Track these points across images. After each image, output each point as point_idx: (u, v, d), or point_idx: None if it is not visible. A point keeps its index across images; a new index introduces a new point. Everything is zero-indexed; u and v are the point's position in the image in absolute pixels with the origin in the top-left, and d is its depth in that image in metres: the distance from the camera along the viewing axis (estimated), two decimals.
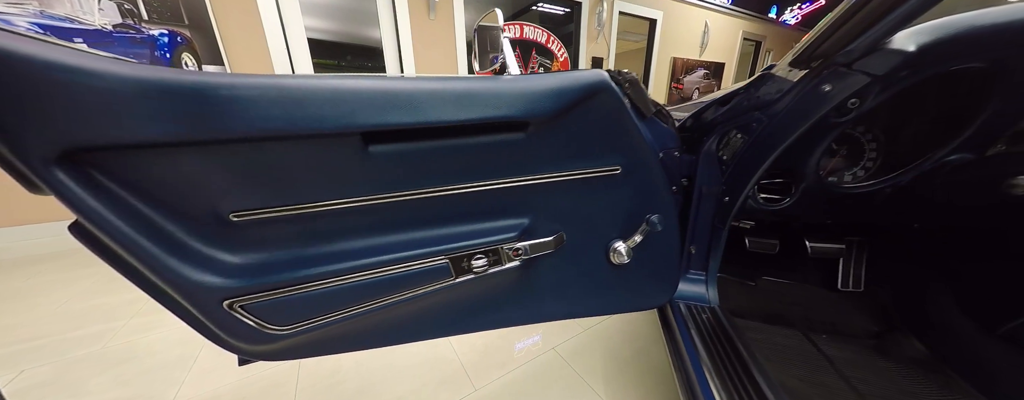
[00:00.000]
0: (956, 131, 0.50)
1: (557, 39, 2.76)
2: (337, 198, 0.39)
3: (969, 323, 0.58)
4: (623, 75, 0.46)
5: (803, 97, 0.46)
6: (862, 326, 0.71)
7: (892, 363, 0.62)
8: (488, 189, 0.44)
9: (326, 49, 2.01)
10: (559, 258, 0.51)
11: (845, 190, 0.58)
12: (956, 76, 0.45)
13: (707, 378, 0.47)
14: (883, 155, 0.58)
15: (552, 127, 0.43)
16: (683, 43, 3.81)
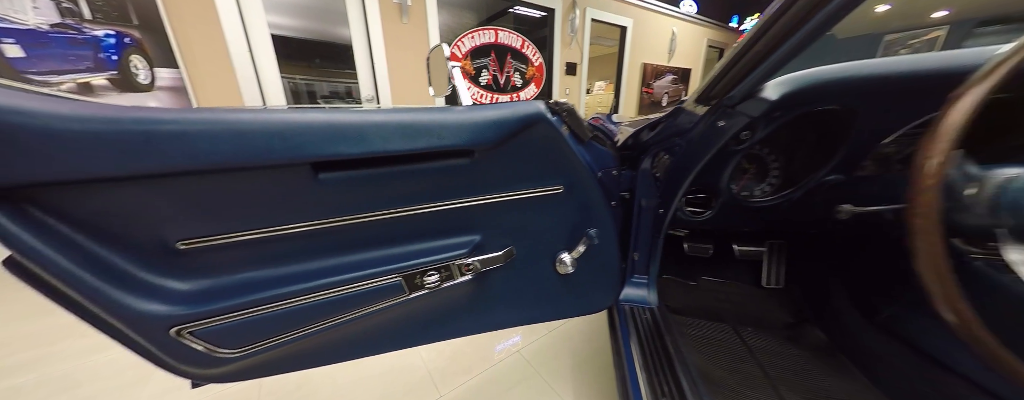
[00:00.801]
0: (829, 157, 0.59)
1: (532, 44, 2.81)
2: (288, 223, 0.40)
3: (856, 314, 0.68)
4: (560, 105, 0.51)
5: (706, 130, 0.54)
6: (780, 319, 0.81)
7: (800, 350, 0.71)
8: (439, 210, 0.47)
9: (293, 47, 1.94)
10: (509, 270, 0.55)
11: (754, 203, 0.66)
12: (824, 113, 0.54)
13: (637, 374, 0.52)
14: (783, 174, 0.66)
15: (497, 153, 0.46)
16: (653, 49, 3.97)
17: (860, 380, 0.63)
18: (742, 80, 0.46)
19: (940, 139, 0.29)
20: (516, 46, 2.73)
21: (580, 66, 3.26)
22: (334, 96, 2.18)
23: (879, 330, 0.63)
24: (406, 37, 2.16)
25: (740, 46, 0.45)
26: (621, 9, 3.41)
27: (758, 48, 0.42)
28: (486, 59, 2.62)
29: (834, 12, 0.34)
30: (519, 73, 2.83)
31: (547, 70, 3.03)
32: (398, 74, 2.16)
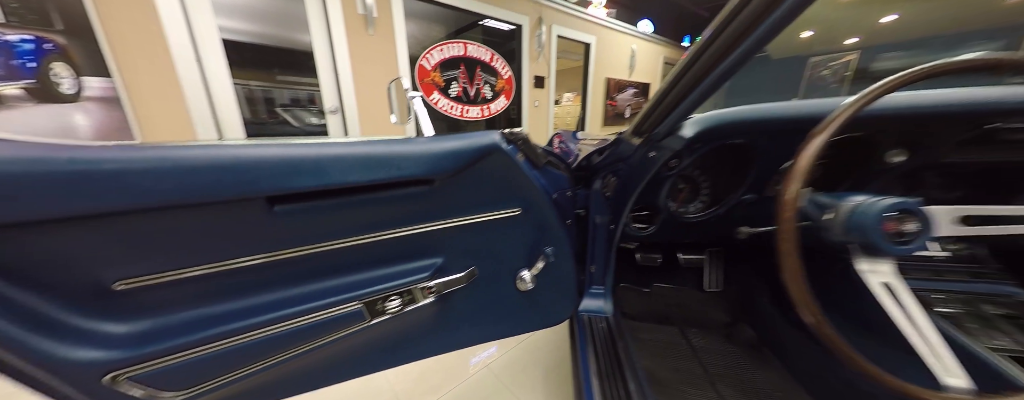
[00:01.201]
0: (742, 181, 0.70)
1: (501, 57, 2.88)
2: (240, 257, 0.39)
3: (776, 312, 0.80)
4: (515, 134, 0.54)
5: (641, 159, 0.61)
6: (720, 319, 0.92)
7: (735, 347, 0.81)
8: (400, 236, 0.48)
9: (249, 53, 1.84)
10: (472, 290, 0.57)
11: (689, 219, 0.75)
12: (734, 145, 0.64)
13: (592, 381, 0.57)
14: (711, 193, 0.76)
15: (456, 180, 0.48)
16: (615, 65, 4.23)
17: (780, 370, 0.74)
18: (664, 119, 0.53)
19: (794, 179, 0.38)
20: (485, 59, 2.78)
21: (548, 79, 3.39)
22: (295, 104, 2.08)
23: (793, 326, 0.75)
24: (373, 49, 2.13)
25: (661, 90, 0.52)
26: (585, 27, 3.60)
27: (675, 92, 0.49)
28: (456, 71, 2.64)
29: (734, 65, 0.41)
30: (489, 85, 2.89)
31: (516, 83, 3.11)
32: (365, 86, 2.12)
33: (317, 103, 2.07)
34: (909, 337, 0.36)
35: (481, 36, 2.89)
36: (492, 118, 3.02)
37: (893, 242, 0.39)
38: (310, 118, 2.11)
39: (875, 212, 0.39)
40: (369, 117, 2.17)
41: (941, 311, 0.50)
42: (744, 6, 0.35)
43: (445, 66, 2.56)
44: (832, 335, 0.35)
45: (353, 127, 2.13)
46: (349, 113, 2.10)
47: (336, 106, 2.08)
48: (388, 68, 2.23)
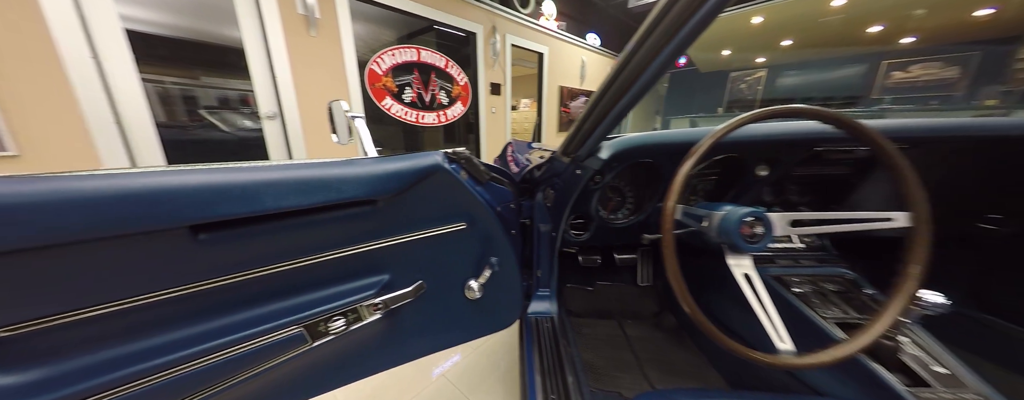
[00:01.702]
0: (656, 191, 0.82)
1: (456, 64, 2.89)
2: (158, 290, 0.36)
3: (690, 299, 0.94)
4: (458, 154, 0.57)
5: (570, 175, 0.69)
6: (650, 309, 1.05)
7: (662, 334, 0.94)
8: (343, 256, 0.48)
9: (163, 48, 1.61)
10: (421, 303, 0.58)
11: (617, 224, 0.86)
12: (645, 162, 0.75)
13: (535, 377, 0.61)
14: (635, 202, 0.88)
15: (400, 199, 0.49)
16: (567, 74, 4.46)
17: (694, 350, 0.87)
18: (585, 142, 0.61)
19: (670, 196, 0.48)
20: (440, 65, 2.77)
21: (504, 87, 3.47)
22: (224, 107, 1.87)
23: (704, 312, 0.89)
24: (316, 52, 2.00)
25: (581, 116, 0.60)
26: (537, 38, 3.76)
27: (592, 118, 0.57)
28: (409, 77, 2.59)
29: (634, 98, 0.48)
30: (445, 91, 2.87)
31: (473, 89, 3.14)
32: (309, 91, 1.98)
33: (252, 104, 1.88)
34: (759, 315, 0.47)
35: (435, 41, 2.87)
36: (449, 124, 3.01)
37: (748, 242, 0.50)
38: (242, 121, 1.91)
39: (735, 219, 0.51)
40: (314, 125, 2.03)
41: (796, 291, 0.65)
42: (640, 47, 0.42)
43: (398, 71, 2.49)
44: (702, 319, 0.45)
45: (295, 135, 1.97)
46: (290, 119, 1.94)
47: (274, 111, 1.91)
48: (334, 72, 2.11)
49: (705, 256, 0.57)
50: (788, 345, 0.44)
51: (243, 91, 1.86)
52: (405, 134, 2.91)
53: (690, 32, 0.37)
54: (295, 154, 1.99)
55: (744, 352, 0.43)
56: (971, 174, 0.71)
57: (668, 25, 0.38)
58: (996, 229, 0.78)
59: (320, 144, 2.04)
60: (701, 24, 0.36)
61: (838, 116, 0.48)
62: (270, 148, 1.95)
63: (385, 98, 2.45)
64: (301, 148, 2.00)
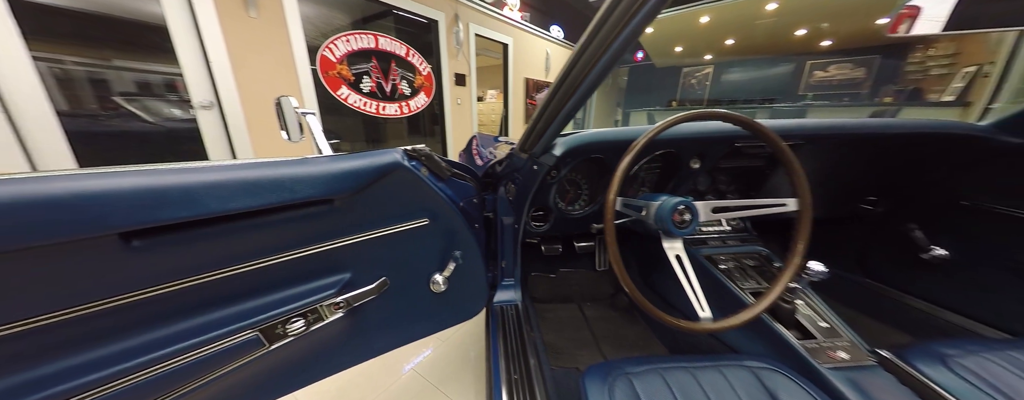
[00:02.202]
0: (607, 182, 0.89)
1: (417, 53, 2.78)
2: (88, 302, 0.33)
3: (640, 279, 1.05)
4: (418, 151, 0.57)
5: (527, 171, 0.72)
6: (606, 291, 1.14)
7: (616, 313, 1.04)
8: (300, 256, 0.47)
9: (61, 21, 1.37)
10: (385, 299, 0.58)
11: (575, 215, 0.92)
12: (597, 158, 0.80)
13: (499, 361, 0.65)
14: (590, 194, 0.95)
15: (360, 197, 0.48)
16: (532, 66, 4.49)
17: (643, 325, 0.98)
18: (540, 139, 0.64)
19: (611, 190, 0.54)
20: (400, 53, 2.65)
21: (469, 77, 3.41)
22: (146, 93, 1.64)
23: (650, 289, 0.99)
24: (258, 34, 1.81)
25: (535, 116, 0.63)
26: (502, 28, 3.72)
27: (545, 117, 0.60)
28: (367, 65, 2.45)
29: (582, 97, 0.50)
30: (407, 81, 2.76)
31: (437, 80, 3.05)
32: (252, 78, 1.80)
33: (181, 90, 1.67)
34: (686, 290, 0.55)
35: (394, 26, 2.73)
36: (413, 116, 2.91)
37: (679, 227, 0.58)
38: (170, 110, 1.69)
39: (668, 208, 0.59)
40: (260, 117, 1.85)
41: (722, 267, 0.76)
42: (585, 50, 0.45)
43: (354, 59, 2.35)
44: (638, 296, 0.52)
45: (237, 128, 1.79)
46: (231, 110, 1.76)
47: (210, 100, 1.72)
48: (281, 58, 1.93)
49: (651, 240, 0.64)
50: (707, 313, 0.53)
51: (169, 75, 1.64)
52: (366, 126, 2.76)
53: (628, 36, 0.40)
54: (239, 149, 1.82)
55: (670, 321, 0.51)
56: (855, 164, 0.87)
57: (609, 29, 0.41)
58: (873, 209, 0.96)
59: (268, 138, 1.88)
60: (640, 26, 0.38)
61: (742, 118, 0.57)
62: (208, 142, 1.75)
63: (341, 87, 2.31)
64: (245, 142, 1.82)
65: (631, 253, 1.10)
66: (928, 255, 0.85)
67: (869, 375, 0.53)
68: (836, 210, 0.97)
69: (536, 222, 0.91)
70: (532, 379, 0.60)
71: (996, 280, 0.76)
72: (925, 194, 0.86)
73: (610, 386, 0.48)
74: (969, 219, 0.81)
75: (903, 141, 0.78)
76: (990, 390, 0.46)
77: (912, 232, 0.88)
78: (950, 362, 0.50)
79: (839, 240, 1.05)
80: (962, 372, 0.49)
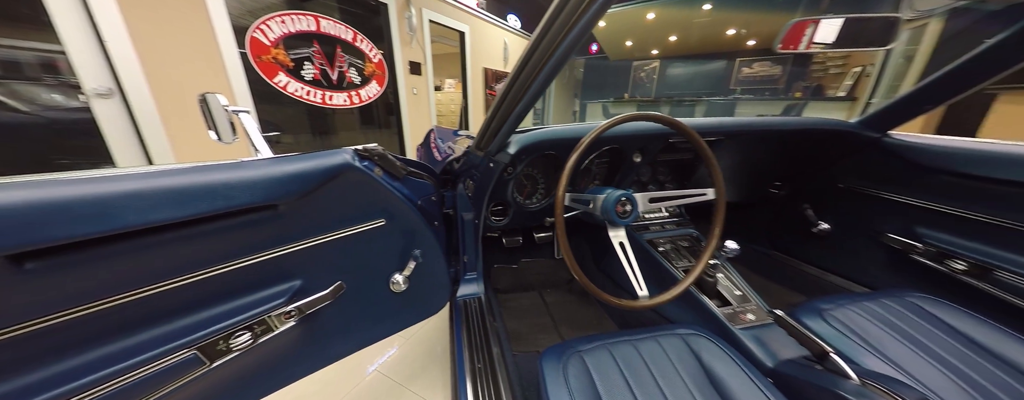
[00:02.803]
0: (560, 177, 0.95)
1: (366, 38, 2.58)
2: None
3: (593, 265, 1.14)
4: (370, 150, 0.55)
5: (484, 167, 0.74)
6: (564, 277, 1.23)
7: (573, 297, 1.12)
8: (242, 266, 0.44)
9: None
10: (342, 304, 0.57)
11: (531, 208, 0.97)
12: (550, 154, 0.85)
13: (463, 352, 0.68)
14: (545, 188, 1.00)
15: (308, 200, 0.46)
16: (490, 56, 4.42)
17: (596, 306, 1.07)
18: (495, 137, 0.66)
19: (561, 186, 0.58)
20: (346, 38, 2.44)
21: (424, 66, 3.27)
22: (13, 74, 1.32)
23: (602, 273, 1.09)
24: (167, 10, 1.54)
25: (488, 116, 0.65)
26: (457, 15, 3.59)
27: (498, 117, 0.62)
28: (309, 49, 2.22)
29: (533, 97, 0.52)
30: (355, 69, 2.56)
31: (389, 68, 2.88)
32: (162, 60, 1.53)
33: (67, 73, 1.38)
34: (628, 274, 0.62)
35: (337, 6, 2.50)
36: (365, 106, 2.73)
37: (621, 217, 0.65)
38: (51, 97, 1.39)
39: (612, 200, 0.66)
40: (179, 109, 1.60)
41: (661, 250, 0.86)
42: (533, 52, 0.46)
43: (292, 43, 2.12)
44: (585, 281, 0.58)
45: (149, 121, 1.54)
46: (138, 99, 1.49)
47: (109, 87, 1.44)
48: (200, 37, 1.68)
49: (600, 229, 0.70)
50: (645, 292, 0.61)
51: (46, 53, 1.34)
52: (311, 117, 2.53)
53: (575, 38, 0.41)
54: (154, 147, 1.56)
55: (613, 301, 0.58)
56: (764, 156, 1.02)
57: (557, 30, 0.42)
58: (778, 193, 1.15)
59: (193, 134, 1.64)
60: (586, 28, 0.40)
61: (670, 119, 0.65)
62: (110, 137, 1.48)
63: (278, 74, 2.08)
64: (160, 139, 1.57)
65: (585, 241, 1.18)
66: (817, 229, 1.04)
67: (767, 331, 0.65)
68: (751, 195, 1.14)
69: (496, 217, 0.94)
70: (495, 366, 0.64)
71: (860, 247, 0.96)
72: (815, 179, 1.05)
73: (564, 364, 0.53)
74: (844, 199, 1.00)
75: (798, 136, 0.93)
76: (849, 334, 0.59)
77: (805, 211, 1.07)
78: (825, 315, 0.63)
79: (753, 219, 1.24)
80: (833, 322, 0.62)
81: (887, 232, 0.89)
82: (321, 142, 2.65)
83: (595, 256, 1.14)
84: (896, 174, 0.87)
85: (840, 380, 0.47)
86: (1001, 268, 0.69)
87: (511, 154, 0.70)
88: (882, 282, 0.92)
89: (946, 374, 0.52)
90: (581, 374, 0.52)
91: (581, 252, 1.21)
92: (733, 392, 0.49)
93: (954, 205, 0.77)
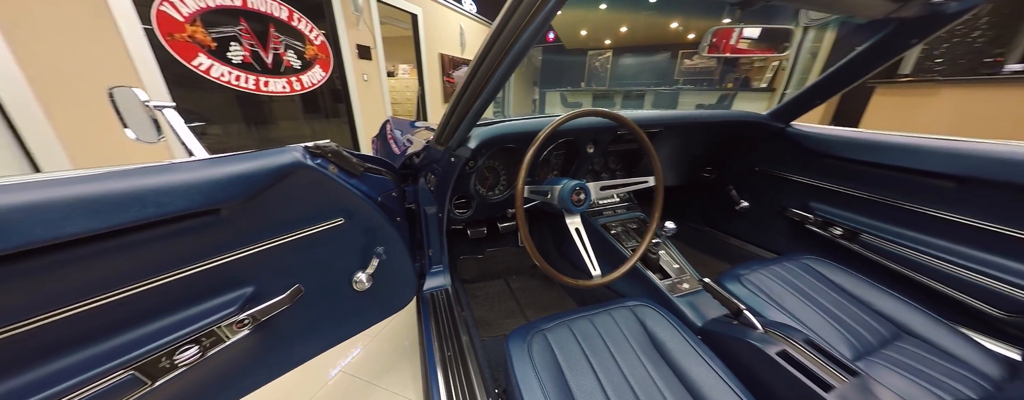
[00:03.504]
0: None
1: (305, 17, 2.33)
2: None
3: (555, 251, 1.23)
4: (323, 147, 0.52)
5: (446, 162, 0.75)
6: (528, 263, 1.30)
7: (536, 281, 1.20)
8: (184, 276, 0.41)
9: None
10: (302, 307, 0.55)
11: (495, 200, 1.00)
12: (511, 147, 0.88)
13: (433, 342, 0.70)
14: (507, 179, 1.03)
15: (256, 203, 0.43)
16: (446, 41, 4.24)
17: (558, 288, 1.16)
18: (455, 132, 0.67)
19: (520, 178, 0.63)
20: (280, 17, 2.18)
21: (374, 50, 3.05)
22: None
23: (563, 257, 1.18)
24: None
25: (447, 112, 0.66)
26: None
27: (457, 112, 0.63)
28: (234, 28, 1.95)
29: (492, 92, 0.53)
30: (294, 52, 2.31)
31: (335, 52, 2.64)
32: (37, 36, 1.24)
33: None
34: (583, 256, 0.69)
35: None
36: (309, 93, 2.49)
37: (576, 205, 0.72)
38: None
39: (567, 190, 0.72)
40: (76, 102, 1.32)
41: (613, 232, 0.96)
42: (489, 50, 0.47)
43: (213, 19, 1.84)
44: (544, 265, 0.64)
45: (28, 115, 1.25)
46: (4, 87, 1.20)
47: None
48: (89, 9, 1.38)
49: (559, 217, 0.76)
50: (598, 272, 0.68)
51: None
52: (243, 105, 2.24)
53: (536, 29, 0.42)
54: (38, 147, 1.28)
55: (569, 282, 0.65)
56: (698, 144, 1.16)
57: (516, 22, 0.42)
58: (709, 176, 1.32)
59: (100, 134, 1.37)
60: (546, 18, 0.40)
61: (615, 115, 0.72)
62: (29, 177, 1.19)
63: (197, 55, 1.80)
64: (47, 137, 1.29)
65: (548, 228, 1.26)
66: (739, 207, 1.22)
67: (698, 297, 0.77)
68: (688, 178, 1.30)
69: (459, 209, 0.95)
70: (465, 353, 0.67)
71: (771, 220, 1.15)
72: (737, 164, 1.22)
73: (528, 343, 0.57)
74: (758, 180, 1.18)
75: (723, 127, 1.08)
76: (759, 293, 0.72)
77: (730, 192, 1.24)
78: (742, 279, 0.76)
79: (690, 200, 1.41)
80: (748, 285, 0.74)
81: (789, 207, 1.08)
82: (257, 133, 2.38)
83: (556, 242, 1.22)
84: (795, 158, 1.05)
85: (750, 331, 0.56)
86: (866, 232, 0.89)
87: (472, 149, 0.71)
88: (787, 248, 1.12)
89: (826, 319, 0.66)
90: (544, 350, 0.56)
91: (543, 238, 1.28)
92: (671, 351, 0.57)
93: (835, 183, 0.96)
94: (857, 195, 0.92)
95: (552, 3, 0.39)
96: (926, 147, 0.77)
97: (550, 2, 0.39)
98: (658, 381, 0.52)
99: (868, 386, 0.44)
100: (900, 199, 0.84)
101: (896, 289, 0.73)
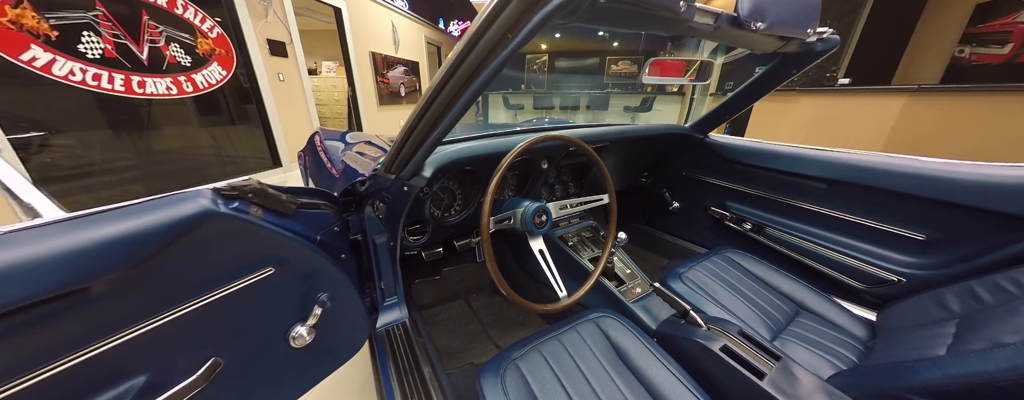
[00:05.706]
0: (480, 187, 0.99)
1: (193, 4, 1.94)
2: None
3: (515, 265, 1.27)
4: (240, 188, 0.44)
5: (398, 189, 0.69)
6: (488, 280, 1.31)
7: (498, 298, 1.22)
8: (41, 379, 0.31)
9: None
10: (222, 384, 0.47)
11: (451, 222, 0.99)
12: (468, 169, 0.88)
13: (391, 382, 0.66)
14: (463, 199, 1.03)
15: (149, 268, 0.35)
16: (377, 39, 3.95)
17: (520, 304, 1.20)
18: (407, 162, 0.62)
19: (485, 211, 0.63)
20: (159, 3, 1.78)
21: (291, 46, 2.69)
22: None
23: (523, 272, 1.22)
24: None
25: (398, 142, 0.61)
26: None
27: (409, 144, 0.59)
28: (86, 13, 1.53)
29: (448, 126, 0.51)
30: (180, 45, 1.91)
31: (238, 47, 2.25)
32: None
33: None
34: (548, 277, 0.73)
35: None
36: (206, 94, 2.09)
37: (538, 228, 0.75)
38: None
39: (530, 213, 0.74)
40: None
41: (570, 243, 1.03)
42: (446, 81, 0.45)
43: (50, 1, 1.41)
44: (509, 291, 0.64)
45: None
46: None
47: None
48: None
49: (521, 238, 0.78)
50: (564, 292, 0.72)
51: None
52: (105, 110, 1.76)
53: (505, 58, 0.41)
54: None
55: (538, 308, 0.67)
56: (637, 154, 1.31)
57: (474, 60, 0.41)
58: (647, 181, 1.49)
59: None
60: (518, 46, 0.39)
61: (571, 138, 0.77)
62: None
63: (29, 48, 1.37)
64: None
65: (506, 244, 1.28)
66: (672, 207, 1.41)
67: (649, 299, 0.84)
68: (630, 183, 1.45)
69: (413, 236, 0.90)
70: (429, 389, 0.65)
71: (697, 218, 1.36)
72: (668, 169, 1.41)
73: (502, 377, 0.56)
74: (686, 183, 1.38)
75: (656, 139, 1.24)
76: (698, 289, 0.82)
77: (664, 194, 1.43)
78: (683, 277, 0.85)
79: (631, 203, 1.59)
80: (688, 282, 0.84)
81: (711, 206, 1.27)
82: (132, 143, 1.91)
83: (515, 255, 1.25)
84: (712, 164, 1.25)
85: (695, 329, 0.61)
86: (769, 226, 1.09)
87: (427, 178, 0.68)
88: (712, 243, 1.31)
89: (749, 307, 0.74)
90: (518, 382, 0.55)
91: (502, 253, 1.30)
92: (634, 359, 0.61)
93: (744, 185, 1.17)
94: (760, 195, 1.12)
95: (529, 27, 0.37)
96: (806, 156, 0.97)
97: (527, 27, 0.37)
98: (626, 393, 0.56)
99: (789, 367, 0.54)
100: (791, 197, 1.04)
101: (793, 272, 0.88)
